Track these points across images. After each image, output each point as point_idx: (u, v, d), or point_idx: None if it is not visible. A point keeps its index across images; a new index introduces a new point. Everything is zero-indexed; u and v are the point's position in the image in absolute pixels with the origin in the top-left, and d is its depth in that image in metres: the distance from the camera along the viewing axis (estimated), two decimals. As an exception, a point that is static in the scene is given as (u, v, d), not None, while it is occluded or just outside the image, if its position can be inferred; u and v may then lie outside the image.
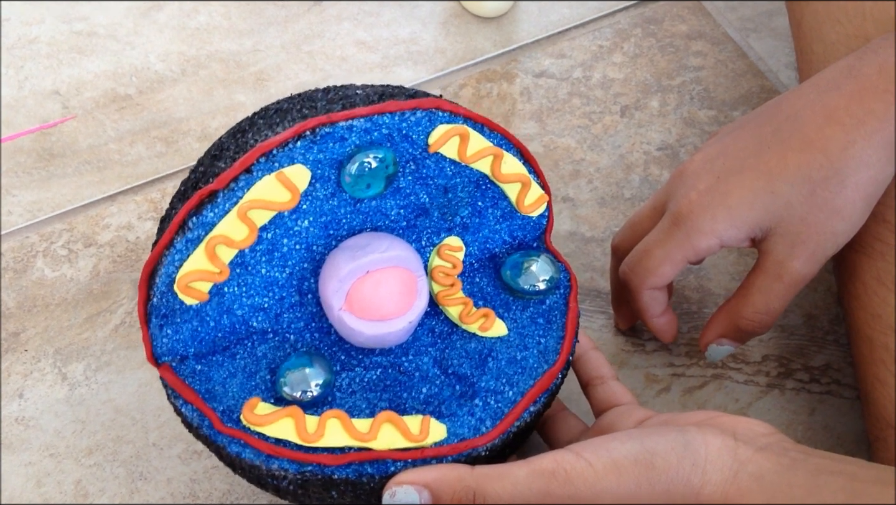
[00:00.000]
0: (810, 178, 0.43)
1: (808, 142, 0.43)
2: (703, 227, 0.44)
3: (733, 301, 0.47)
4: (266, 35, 0.67)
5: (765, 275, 0.45)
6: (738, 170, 0.44)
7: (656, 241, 0.46)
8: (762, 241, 0.45)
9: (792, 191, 0.43)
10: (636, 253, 0.47)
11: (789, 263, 0.44)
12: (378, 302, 0.41)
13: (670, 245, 0.45)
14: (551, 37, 0.67)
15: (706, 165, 0.46)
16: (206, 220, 0.38)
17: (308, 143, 0.38)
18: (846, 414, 0.52)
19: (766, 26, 0.68)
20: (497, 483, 0.37)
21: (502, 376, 0.43)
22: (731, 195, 0.44)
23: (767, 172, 0.43)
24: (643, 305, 0.48)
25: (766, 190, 0.43)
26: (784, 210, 0.43)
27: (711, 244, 0.44)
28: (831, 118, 0.43)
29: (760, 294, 0.45)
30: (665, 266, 0.46)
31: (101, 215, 0.59)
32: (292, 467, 0.39)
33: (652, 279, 0.46)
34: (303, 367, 0.41)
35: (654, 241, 0.46)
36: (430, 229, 0.44)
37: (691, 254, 0.45)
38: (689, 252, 0.45)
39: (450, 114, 0.41)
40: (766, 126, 0.45)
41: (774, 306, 0.45)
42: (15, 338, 0.54)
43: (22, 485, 0.49)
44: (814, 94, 0.44)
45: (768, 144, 0.44)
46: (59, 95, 0.64)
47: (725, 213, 0.44)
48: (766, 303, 0.45)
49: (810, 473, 0.35)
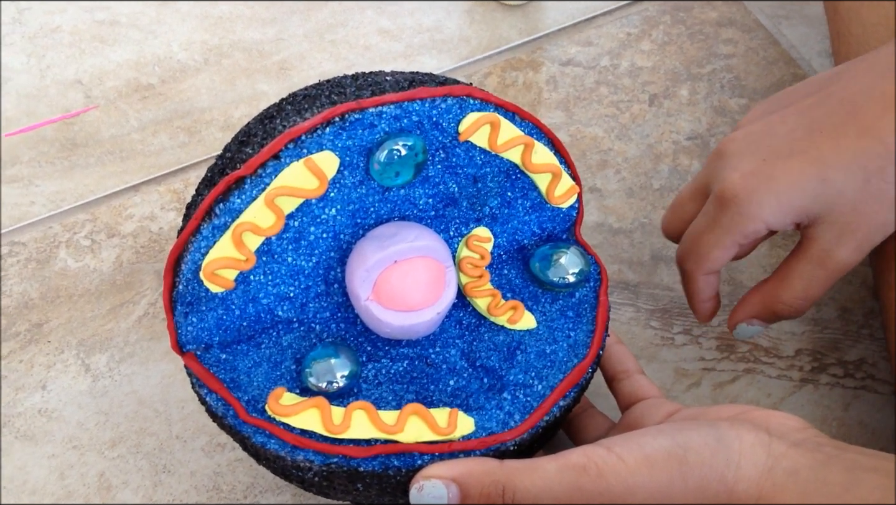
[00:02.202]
0: (865, 167, 0.41)
1: (865, 129, 0.41)
2: (749, 212, 0.43)
3: (771, 284, 0.46)
4: (289, 24, 0.66)
5: (808, 261, 0.44)
6: (786, 154, 0.43)
7: (704, 226, 0.45)
8: (808, 226, 0.43)
9: (845, 179, 0.41)
10: (687, 239, 0.46)
11: (835, 252, 0.43)
12: (405, 292, 0.40)
13: (718, 231, 0.44)
14: (578, 24, 0.66)
15: (749, 146, 0.44)
16: (233, 206, 0.37)
17: (337, 130, 0.38)
18: (881, 409, 0.51)
19: (798, 13, 0.66)
20: (527, 477, 0.37)
21: (531, 370, 0.42)
22: (779, 181, 0.42)
23: (819, 159, 0.42)
24: (696, 289, 0.47)
25: (818, 177, 0.42)
26: (835, 198, 0.42)
27: (758, 229, 0.43)
28: (890, 106, 0.41)
29: (801, 280, 0.44)
30: (716, 252, 0.45)
31: (124, 206, 0.58)
32: (317, 459, 0.38)
33: (706, 265, 0.45)
34: (329, 357, 0.40)
35: (703, 227, 0.45)
36: (459, 219, 0.43)
37: (740, 238, 0.44)
38: (737, 237, 0.44)
39: (481, 101, 0.40)
40: (817, 109, 0.43)
41: (814, 293, 0.44)
42: (38, 329, 0.53)
43: (45, 477, 0.49)
44: (869, 79, 0.43)
45: (820, 129, 0.42)
46: (81, 85, 0.63)
47: (773, 199, 0.42)
48: (805, 289, 0.44)
49: (846, 470, 0.34)
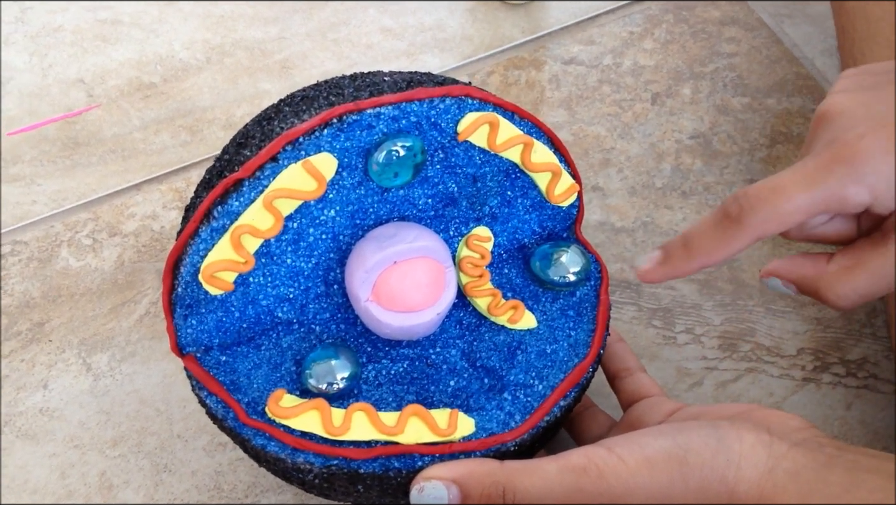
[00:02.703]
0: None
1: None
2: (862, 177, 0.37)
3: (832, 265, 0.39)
4: (291, 23, 0.66)
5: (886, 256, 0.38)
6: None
7: (795, 179, 0.37)
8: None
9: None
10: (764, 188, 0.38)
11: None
12: (405, 293, 0.40)
13: (817, 189, 0.37)
14: (580, 23, 0.66)
15: (861, 110, 0.38)
16: (232, 209, 0.37)
17: (335, 131, 0.38)
18: (884, 409, 0.51)
19: (801, 12, 0.66)
20: (527, 478, 0.37)
21: (532, 370, 0.42)
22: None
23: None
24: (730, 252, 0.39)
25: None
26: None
27: (863, 200, 0.37)
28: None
29: (869, 277, 0.38)
30: (798, 215, 0.37)
31: (125, 205, 0.58)
32: (318, 461, 0.38)
33: (772, 225, 0.38)
34: (329, 358, 0.40)
35: (793, 180, 0.37)
36: (459, 219, 0.43)
37: (836, 205, 0.37)
38: (834, 202, 0.37)
39: (479, 101, 0.40)
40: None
41: (877, 293, 0.39)
42: (39, 328, 0.53)
43: (46, 476, 0.49)
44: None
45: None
46: (83, 84, 0.63)
47: (888, 169, 0.36)
48: (869, 287, 0.38)
49: (847, 471, 0.34)
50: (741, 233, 0.38)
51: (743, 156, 0.59)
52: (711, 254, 0.39)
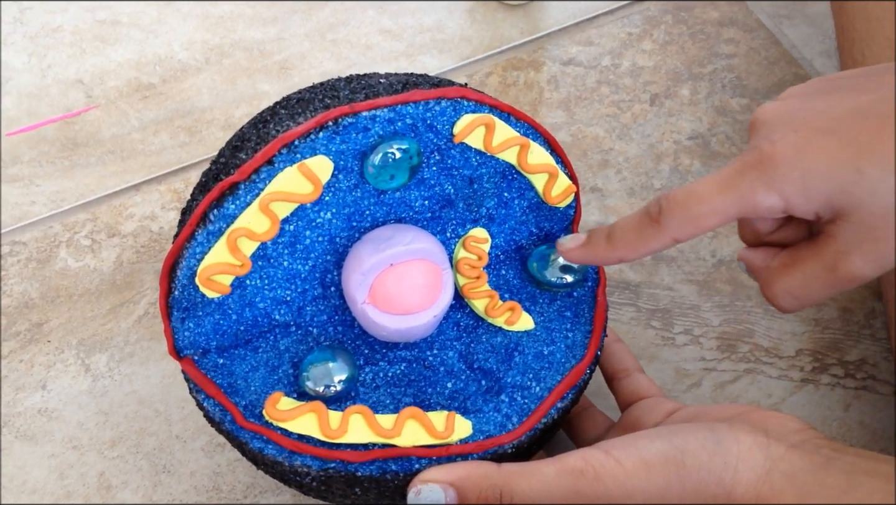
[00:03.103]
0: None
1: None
2: (772, 182, 0.37)
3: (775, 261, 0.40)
4: (290, 23, 0.66)
5: (817, 259, 0.38)
6: (823, 131, 0.37)
7: (710, 185, 0.38)
8: (829, 222, 0.37)
9: (882, 176, 0.35)
10: (681, 192, 0.39)
11: (850, 259, 0.37)
12: (402, 295, 0.40)
13: (729, 196, 0.38)
14: (579, 24, 0.66)
15: (784, 116, 0.39)
16: (228, 212, 0.37)
17: (330, 134, 0.38)
18: (882, 410, 0.51)
19: (799, 13, 0.66)
20: (524, 481, 0.37)
21: (529, 371, 0.42)
22: (810, 157, 0.37)
23: (858, 145, 0.36)
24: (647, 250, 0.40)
25: (852, 166, 0.36)
26: (866, 196, 0.36)
27: (774, 205, 0.37)
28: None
29: (801, 277, 0.38)
30: (712, 219, 0.38)
31: (124, 205, 0.58)
32: (315, 464, 0.38)
33: (689, 227, 0.39)
34: (326, 361, 0.40)
35: (708, 185, 0.38)
36: (456, 221, 0.43)
37: (749, 210, 0.38)
38: (747, 207, 0.37)
39: (475, 103, 0.40)
40: (867, 94, 0.38)
41: (810, 297, 0.39)
42: (38, 329, 0.54)
43: (45, 477, 0.49)
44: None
45: (866, 115, 0.37)
46: (82, 84, 0.63)
47: (799, 175, 0.37)
48: (802, 289, 0.39)
49: (844, 473, 0.34)
50: (659, 234, 0.39)
51: (742, 156, 0.59)
52: (630, 250, 0.40)
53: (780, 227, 0.40)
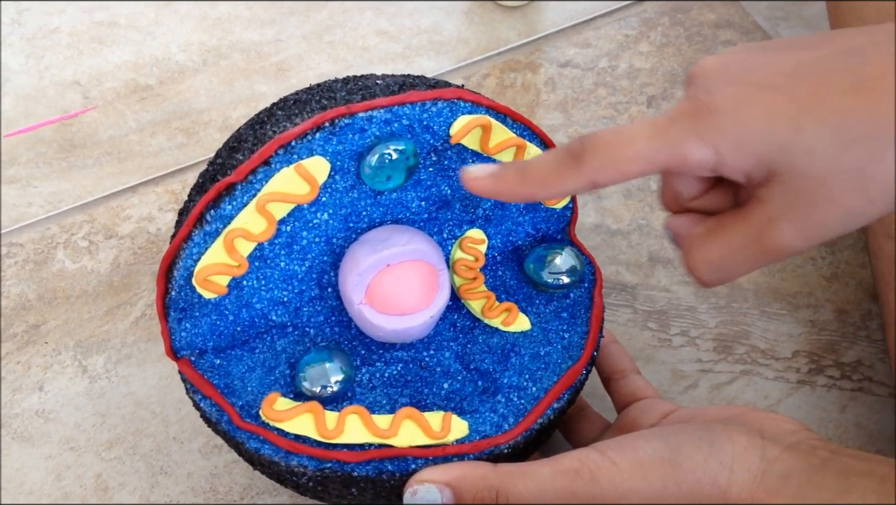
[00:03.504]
0: (846, 130, 0.32)
1: (860, 84, 0.32)
2: (706, 133, 0.34)
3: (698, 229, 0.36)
4: (287, 25, 0.66)
5: (744, 226, 0.34)
6: (762, 85, 0.34)
7: (641, 130, 0.35)
8: (760, 185, 0.34)
9: (819, 136, 0.32)
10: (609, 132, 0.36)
11: (779, 226, 0.33)
12: (399, 296, 0.40)
13: (658, 142, 0.35)
14: (576, 26, 0.66)
15: (721, 69, 0.35)
16: (224, 213, 0.38)
17: (327, 135, 0.38)
18: (878, 411, 0.51)
19: (795, 14, 0.66)
20: (520, 482, 0.37)
21: (525, 372, 0.42)
22: (747, 110, 0.34)
23: (798, 101, 0.33)
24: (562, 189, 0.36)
25: (790, 122, 0.33)
26: (802, 157, 0.33)
27: (705, 159, 0.34)
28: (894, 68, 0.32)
29: (726, 246, 0.35)
30: (637, 164, 0.35)
31: (121, 207, 0.58)
32: (311, 464, 0.38)
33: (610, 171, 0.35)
34: (322, 361, 0.40)
35: (638, 130, 0.35)
36: (452, 222, 0.43)
37: (678, 161, 0.34)
38: (675, 157, 0.34)
39: (472, 104, 0.40)
40: (812, 51, 0.35)
41: (735, 268, 0.35)
42: (35, 330, 0.54)
43: (42, 478, 0.49)
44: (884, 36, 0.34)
45: (807, 70, 0.34)
46: (79, 86, 0.64)
47: (734, 128, 0.34)
48: (726, 259, 0.35)
49: (840, 474, 0.34)
50: (577, 173, 0.36)
51: (738, 158, 0.59)
52: (543, 186, 0.37)
53: (705, 193, 0.37)
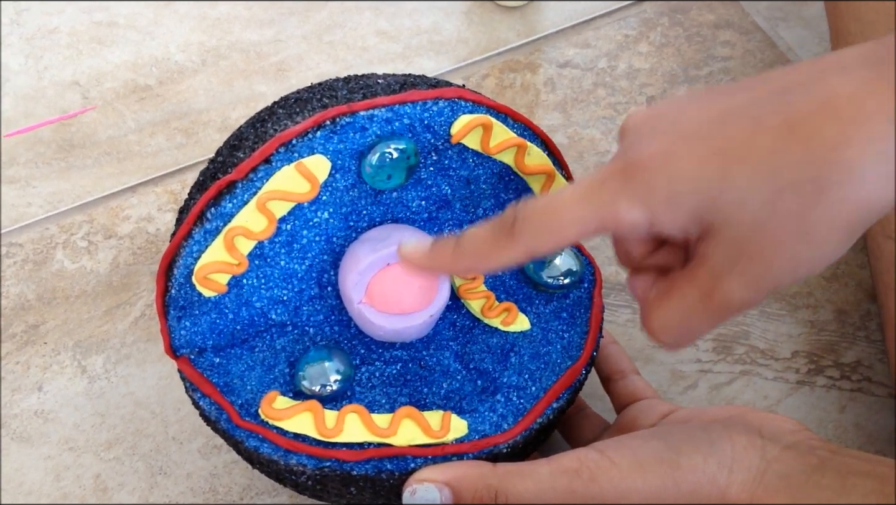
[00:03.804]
0: (778, 175, 0.31)
1: (789, 127, 0.31)
2: (635, 192, 0.33)
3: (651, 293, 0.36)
4: (287, 25, 0.66)
5: (692, 286, 0.33)
6: (690, 135, 0.33)
7: (571, 195, 0.34)
8: (699, 240, 0.33)
9: (751, 184, 0.31)
10: (541, 201, 0.35)
11: (726, 282, 0.32)
12: (398, 295, 0.40)
13: (589, 206, 0.33)
14: (576, 26, 0.66)
15: (650, 121, 0.34)
16: (225, 210, 0.37)
17: (328, 134, 0.38)
18: (878, 412, 0.51)
19: (795, 15, 0.66)
20: (519, 481, 0.37)
21: (525, 372, 0.42)
22: (676, 164, 0.32)
23: (726, 150, 0.32)
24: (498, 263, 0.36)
25: (719, 172, 0.32)
26: (735, 208, 0.31)
27: (639, 220, 0.33)
28: (827, 105, 0.30)
29: (680, 307, 0.34)
30: (571, 229, 0.34)
31: (121, 207, 0.58)
32: (311, 463, 0.38)
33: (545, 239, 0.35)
34: (322, 360, 0.40)
35: (569, 195, 0.34)
36: (452, 221, 0.43)
37: (611, 223, 0.33)
38: (608, 220, 0.33)
39: (473, 104, 0.40)
40: (741, 94, 0.33)
41: (692, 330, 0.34)
42: (34, 330, 0.53)
43: (41, 479, 0.49)
44: (814, 73, 0.32)
45: (736, 116, 0.32)
46: (78, 86, 0.64)
47: (664, 183, 0.32)
48: (683, 322, 0.34)
49: (839, 474, 0.34)
50: (513, 244, 0.35)
51: (737, 159, 0.59)
52: (480, 260, 0.36)
53: (656, 250, 0.37)
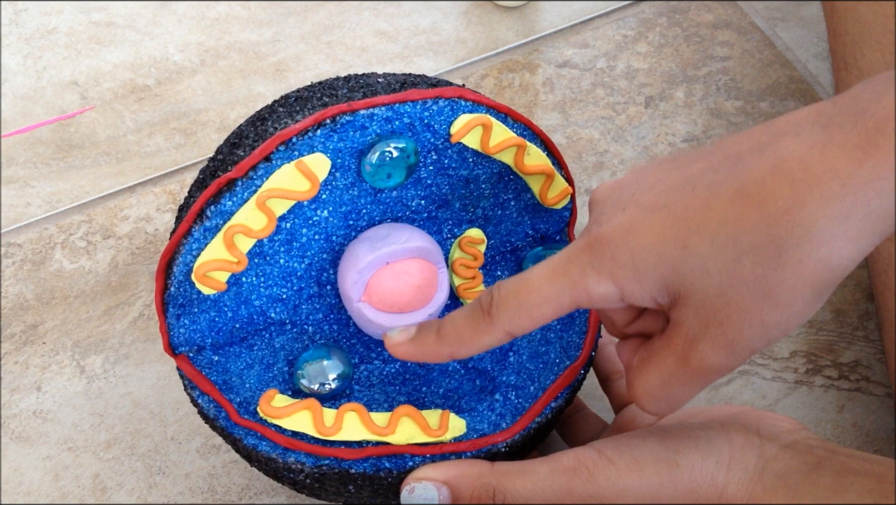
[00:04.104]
0: (737, 240, 0.31)
1: (743, 192, 0.32)
2: (602, 266, 0.34)
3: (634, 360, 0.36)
4: (285, 25, 0.67)
5: (669, 352, 0.34)
6: (650, 206, 0.34)
7: (543, 273, 0.35)
8: (671, 307, 0.34)
9: (711, 251, 0.32)
10: (513, 281, 0.36)
11: (699, 347, 0.33)
12: (398, 294, 0.40)
13: (560, 283, 0.35)
14: (574, 26, 0.66)
15: (613, 194, 0.36)
16: (225, 208, 0.38)
17: (328, 132, 0.38)
18: (875, 411, 0.51)
19: (793, 15, 0.66)
20: (518, 480, 0.37)
21: (523, 371, 0.42)
22: (638, 236, 0.33)
23: (685, 219, 0.33)
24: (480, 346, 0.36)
25: (679, 242, 0.32)
26: (698, 276, 0.32)
27: (609, 292, 0.34)
28: (779, 168, 0.31)
29: (659, 374, 0.34)
30: (546, 307, 0.35)
31: (119, 207, 0.58)
32: (309, 461, 0.38)
33: (522, 320, 0.35)
34: (321, 359, 0.40)
35: (540, 273, 0.35)
36: (452, 221, 0.43)
37: (584, 299, 0.34)
38: (580, 295, 0.34)
39: (473, 103, 0.40)
40: (697, 162, 0.34)
41: (675, 396, 0.35)
42: (33, 330, 0.53)
43: (40, 479, 0.49)
44: (766, 137, 0.33)
45: (693, 185, 0.33)
46: (77, 86, 0.64)
47: (628, 257, 0.33)
48: (664, 389, 0.34)
49: (837, 473, 0.34)
50: (491, 327, 0.36)
51: (736, 159, 0.59)
52: (462, 345, 0.37)
53: (637, 317, 0.37)
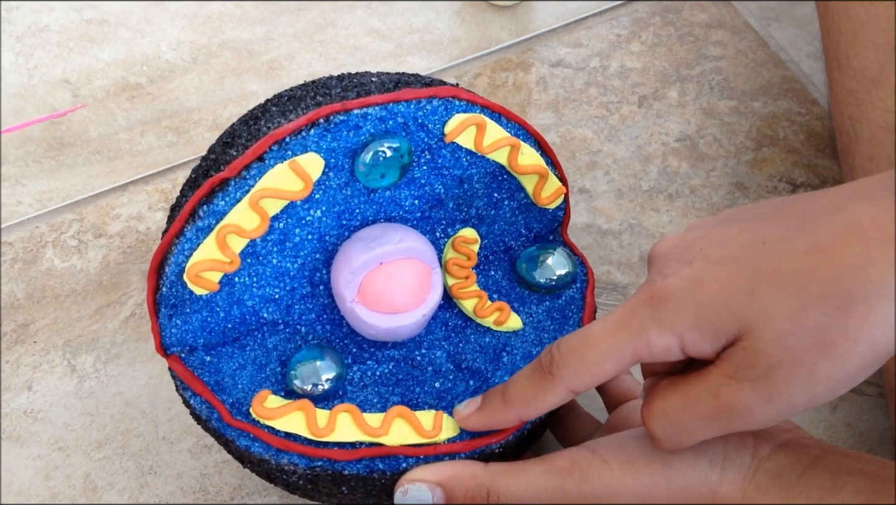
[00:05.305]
0: (805, 290, 0.31)
1: (815, 247, 0.32)
2: (663, 319, 0.34)
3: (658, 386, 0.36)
4: (278, 24, 0.66)
5: (702, 381, 0.34)
6: (719, 260, 0.34)
7: (603, 328, 0.35)
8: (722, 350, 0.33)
9: (777, 298, 0.32)
10: (573, 338, 0.36)
11: (737, 385, 0.32)
12: (391, 294, 0.40)
13: (621, 338, 0.35)
14: (568, 25, 0.66)
15: (678, 249, 0.36)
16: (217, 208, 0.37)
17: (322, 132, 0.38)
18: (868, 411, 0.51)
19: (787, 15, 0.66)
20: (511, 481, 0.37)
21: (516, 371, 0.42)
22: (703, 287, 0.33)
23: (753, 271, 0.33)
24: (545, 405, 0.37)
25: (746, 289, 0.32)
26: (761, 319, 0.32)
27: (670, 344, 0.34)
28: (852, 227, 0.31)
29: (683, 398, 0.34)
30: (608, 363, 0.35)
31: (111, 206, 0.58)
32: (302, 462, 0.38)
33: (584, 377, 0.36)
34: (314, 359, 0.40)
35: (600, 329, 0.35)
36: (445, 221, 0.43)
37: (645, 352, 0.34)
38: (642, 349, 0.34)
39: (467, 103, 0.40)
40: (767, 222, 0.35)
41: (689, 424, 0.34)
42: (24, 329, 0.53)
43: (30, 478, 0.48)
44: (838, 199, 0.33)
45: (764, 241, 0.33)
46: (69, 84, 0.63)
47: (692, 307, 0.33)
48: (681, 412, 0.34)
49: (830, 473, 0.34)
50: (554, 386, 0.36)
51: (729, 159, 0.60)
52: (528, 406, 0.37)
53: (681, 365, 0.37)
